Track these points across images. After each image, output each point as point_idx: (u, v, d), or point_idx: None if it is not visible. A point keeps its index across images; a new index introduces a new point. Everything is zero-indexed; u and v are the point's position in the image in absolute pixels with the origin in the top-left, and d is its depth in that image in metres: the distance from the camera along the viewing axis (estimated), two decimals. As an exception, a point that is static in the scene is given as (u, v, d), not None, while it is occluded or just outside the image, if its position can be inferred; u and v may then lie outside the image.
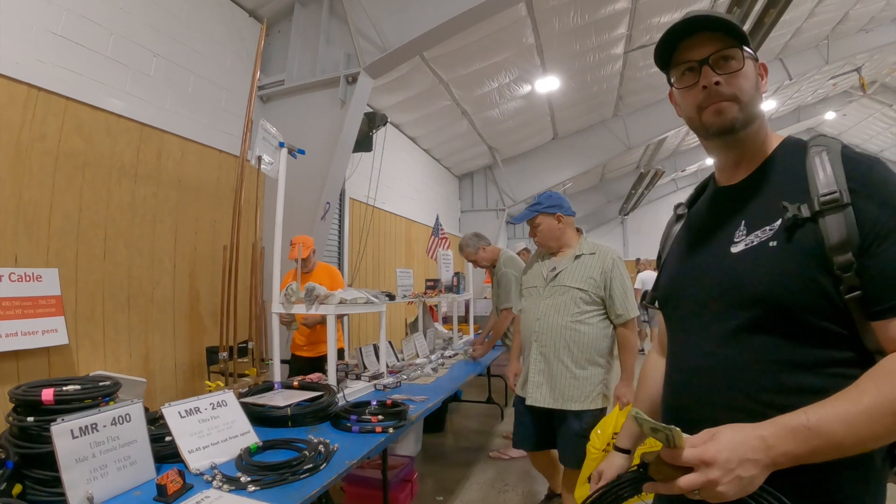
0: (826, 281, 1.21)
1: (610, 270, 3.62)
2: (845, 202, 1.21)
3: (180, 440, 2.38)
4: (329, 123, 6.34)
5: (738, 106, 1.36)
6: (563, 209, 3.85)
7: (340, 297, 3.75)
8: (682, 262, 1.56)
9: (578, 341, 3.58)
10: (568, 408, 3.57)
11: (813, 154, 1.31)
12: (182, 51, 5.59)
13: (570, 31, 9.80)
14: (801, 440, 1.09)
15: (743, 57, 1.37)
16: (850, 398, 1.11)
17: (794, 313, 1.24)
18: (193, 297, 5.58)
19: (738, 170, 1.47)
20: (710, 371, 1.37)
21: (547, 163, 15.42)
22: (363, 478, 4.39)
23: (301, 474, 2.24)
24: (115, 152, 4.78)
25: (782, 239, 1.27)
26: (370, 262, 9.62)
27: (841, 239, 1.19)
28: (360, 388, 3.98)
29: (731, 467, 1.07)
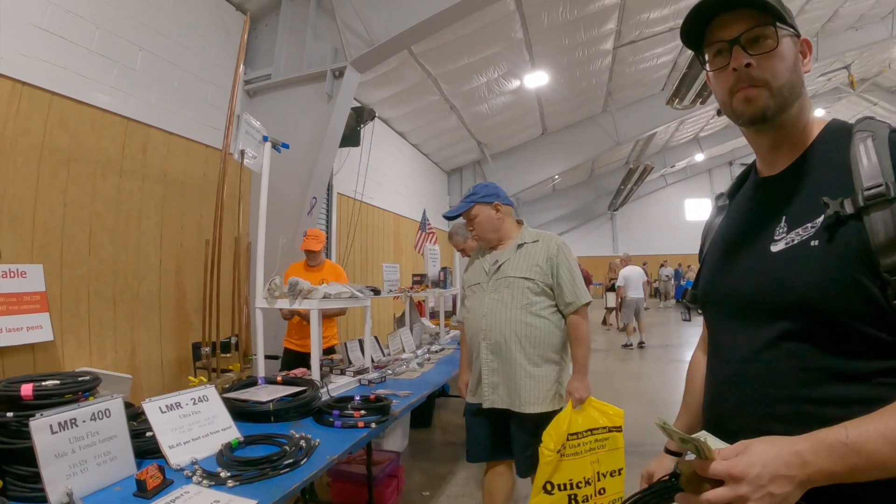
0: (872, 285, 1.09)
1: (555, 256, 3.35)
2: (893, 196, 1.07)
3: (161, 436, 2.37)
4: (316, 118, 6.34)
5: (770, 92, 1.24)
6: (501, 198, 3.56)
7: (324, 292, 3.74)
8: (722, 261, 1.44)
9: (530, 336, 3.29)
10: (525, 411, 3.25)
11: (858, 141, 1.18)
12: (168, 45, 5.56)
13: (559, 26, 9.83)
14: (839, 457, 0.99)
15: (777, 35, 1.24)
16: (894, 414, 1.00)
17: (838, 319, 1.12)
18: (180, 293, 5.57)
19: (777, 157, 1.35)
20: (751, 379, 1.27)
21: (536, 158, 15.47)
22: (349, 473, 4.39)
23: (281, 469, 2.23)
24: (101, 147, 4.76)
25: (824, 238, 1.15)
26: (358, 256, 9.63)
27: (888, 238, 1.06)
28: (344, 384, 3.98)
29: (761, 483, 0.99)
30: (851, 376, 1.12)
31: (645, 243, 31.21)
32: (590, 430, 3.15)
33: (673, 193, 32.43)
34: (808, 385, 1.16)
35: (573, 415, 3.12)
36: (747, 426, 1.23)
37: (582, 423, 3.15)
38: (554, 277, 3.33)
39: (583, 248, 28.41)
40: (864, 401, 1.06)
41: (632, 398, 8.42)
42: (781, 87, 1.24)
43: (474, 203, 3.53)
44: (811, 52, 1.33)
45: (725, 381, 1.36)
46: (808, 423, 1.07)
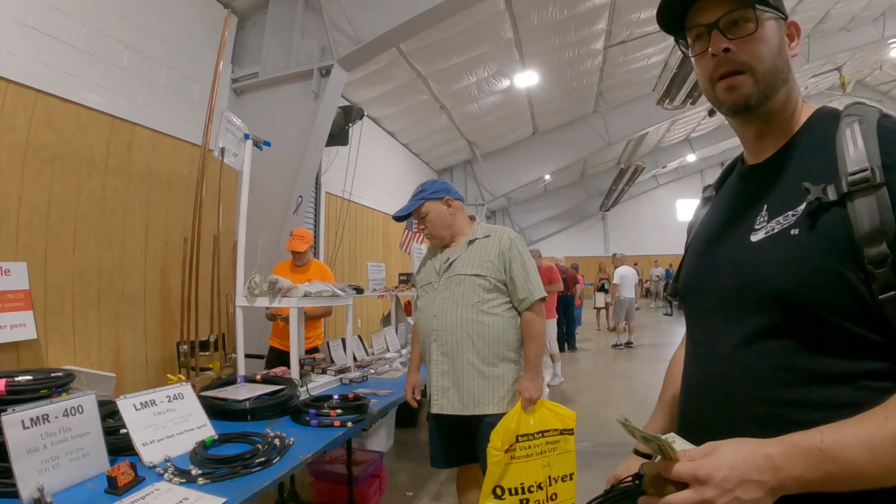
0: (855, 277, 1.01)
1: (507, 250, 3.19)
2: (878, 182, 0.99)
3: (134, 433, 2.38)
4: (302, 116, 6.33)
5: (754, 78, 1.18)
6: (451, 192, 3.43)
7: (305, 291, 3.74)
8: (702, 252, 1.37)
9: (483, 334, 3.12)
10: (480, 412, 3.09)
11: (844, 125, 1.11)
12: (155, 43, 5.54)
13: (549, 25, 9.84)
14: (813, 464, 0.91)
15: (756, 18, 1.17)
16: (875, 420, 0.92)
17: (819, 314, 1.05)
18: (165, 292, 5.55)
19: (764, 146, 1.28)
20: (727, 378, 1.19)
21: (527, 158, 15.50)
22: (331, 473, 4.40)
23: (252, 468, 2.24)
24: (86, 145, 4.74)
25: (805, 226, 1.08)
26: (346, 255, 9.63)
27: (873, 227, 0.98)
28: (325, 382, 3.99)
29: (728, 487, 0.92)
30: (833, 378, 1.04)
31: (636, 244, 31.26)
32: (541, 431, 3.04)
33: (664, 194, 32.51)
34: (786, 386, 1.09)
35: (524, 416, 3.01)
36: (720, 428, 1.12)
37: (534, 424, 3.04)
38: (507, 273, 3.18)
39: (575, 249, 28.47)
40: (847, 405, 0.99)
41: (622, 398, 8.48)
42: (766, 71, 1.18)
43: (424, 200, 3.37)
44: (799, 35, 1.27)
45: (700, 379, 1.29)
46: (785, 427, 0.99)
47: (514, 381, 3.17)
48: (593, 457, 2.63)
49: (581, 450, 3.42)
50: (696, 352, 1.33)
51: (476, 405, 3.10)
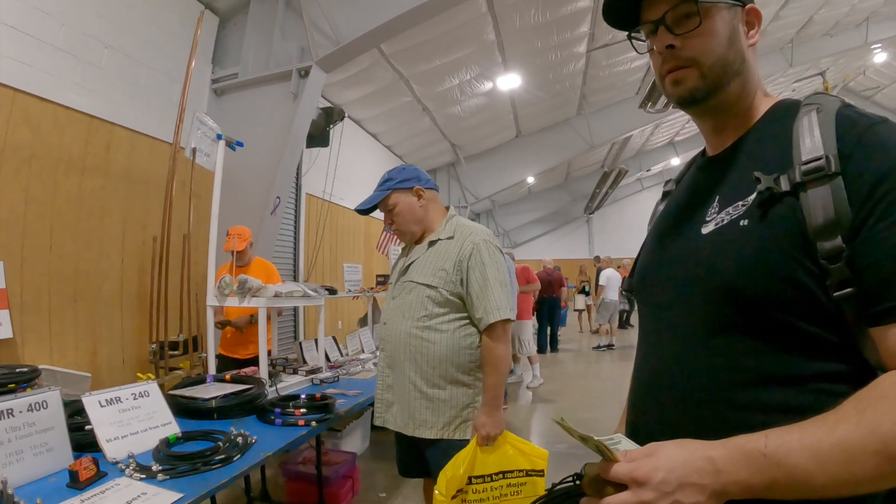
0: (807, 273, 0.97)
1: (467, 259, 2.74)
2: (833, 171, 0.95)
3: (99, 429, 2.40)
4: (280, 117, 6.36)
5: (700, 71, 1.15)
6: (422, 181, 2.99)
7: (275, 291, 3.77)
8: (655, 247, 1.34)
9: (426, 353, 2.75)
10: (420, 435, 2.77)
11: (802, 114, 1.07)
12: (135, 43, 5.55)
13: (532, 28, 9.87)
14: (757, 468, 0.86)
15: (700, 11, 1.13)
16: (824, 425, 0.86)
17: (767, 310, 1.00)
18: (142, 292, 5.53)
19: (722, 138, 1.25)
20: (674, 377, 1.15)
21: (510, 160, 15.53)
22: (303, 473, 4.43)
23: (213, 465, 2.27)
24: (63, 144, 4.75)
25: (755, 217, 1.03)
26: (327, 257, 9.65)
27: (827, 219, 0.94)
28: (295, 382, 4.01)
29: (666, 490, 0.87)
30: (784, 379, 1.00)
31: (621, 246, 31.18)
32: (502, 472, 2.67)
33: (649, 197, 32.50)
34: (734, 387, 1.04)
35: (481, 454, 2.64)
36: (664, 430, 1.07)
37: (492, 463, 2.66)
38: (464, 286, 2.74)
39: (559, 251, 28.46)
40: (797, 409, 0.94)
41: (602, 399, 8.50)
42: (712, 65, 1.15)
43: (391, 191, 2.95)
44: (760, 22, 1.21)
45: (647, 378, 1.25)
46: (731, 430, 0.93)
47: (466, 406, 2.78)
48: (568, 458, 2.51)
49: (557, 451, 3.37)
50: (646, 349, 1.29)
51: (417, 427, 2.78)
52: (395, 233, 3.07)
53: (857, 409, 0.86)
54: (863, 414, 0.84)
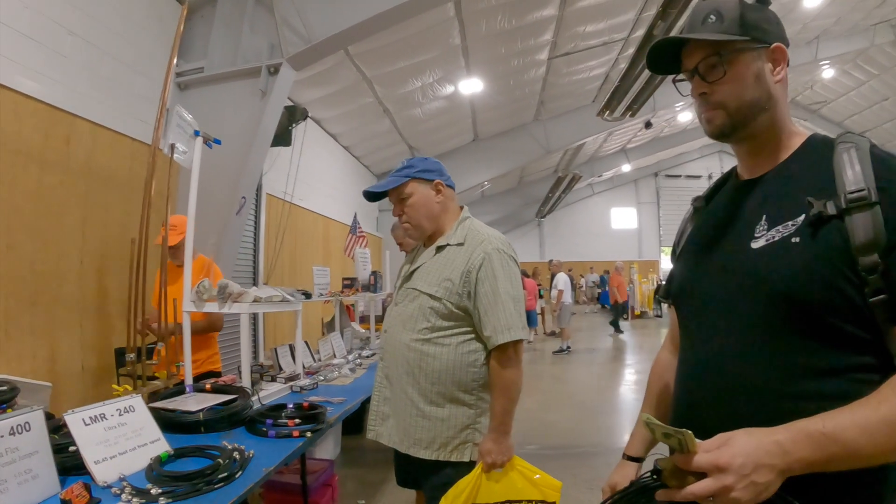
0: (850, 282, 1.16)
1: (477, 269, 2.51)
2: (874, 200, 1.14)
3: (85, 450, 2.19)
4: (248, 115, 6.15)
5: (727, 112, 1.36)
6: (444, 177, 2.78)
7: (255, 296, 3.61)
8: (700, 258, 1.49)
9: (426, 368, 2.54)
10: (416, 454, 2.56)
11: (841, 150, 1.25)
12: (100, 31, 5.27)
13: (497, 34, 9.92)
14: (818, 446, 1.05)
15: (725, 63, 1.34)
16: (869, 405, 1.07)
17: (816, 314, 1.19)
18: (102, 295, 5.28)
19: (758, 162, 1.43)
20: (727, 373, 1.31)
21: (466, 164, 15.53)
22: (282, 483, 4.26)
23: (215, 484, 2.11)
24: (22, 136, 4.44)
25: (806, 235, 1.21)
26: (287, 259, 9.43)
27: (867, 239, 1.13)
28: (275, 391, 3.86)
29: (745, 473, 1.03)
30: (826, 371, 1.18)
31: (571, 250, 31.80)
32: (509, 501, 2.50)
33: (600, 202, 33.19)
34: (783, 380, 1.22)
35: (486, 480, 2.48)
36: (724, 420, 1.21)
37: (499, 491, 2.50)
38: (471, 299, 2.53)
39: (510, 255, 28.64)
40: (838, 396, 1.12)
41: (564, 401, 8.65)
42: (739, 107, 1.35)
43: (409, 178, 2.72)
44: (785, 58, 1.39)
45: (700, 375, 1.39)
46: (784, 417, 1.12)
47: (466, 427, 2.57)
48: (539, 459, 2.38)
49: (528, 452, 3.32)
50: (694, 349, 1.44)
51: (411, 446, 2.58)
52: (403, 227, 2.83)
53: (894, 392, 1.07)
54: None
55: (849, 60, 18.32)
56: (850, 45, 16.76)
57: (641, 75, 10.59)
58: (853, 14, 15.21)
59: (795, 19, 14.10)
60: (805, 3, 13.44)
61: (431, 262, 2.66)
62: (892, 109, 20.96)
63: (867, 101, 21.14)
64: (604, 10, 10.46)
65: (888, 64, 17.89)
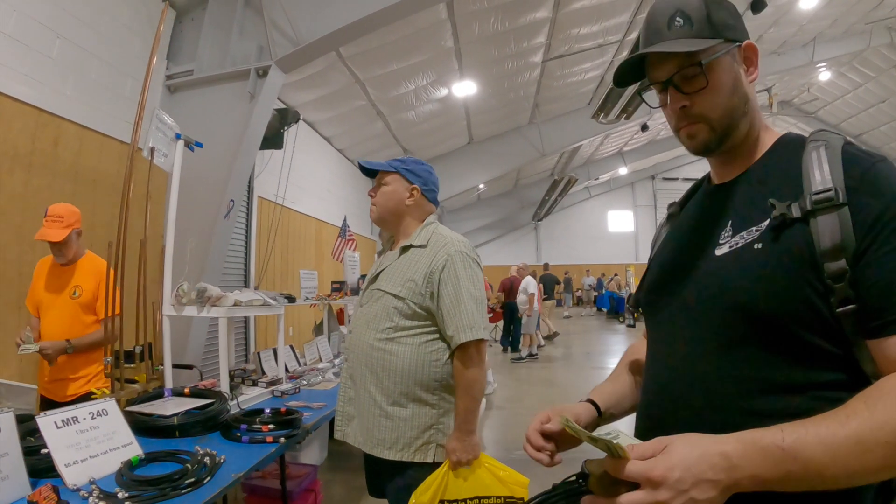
0: (815, 290, 1.06)
1: (440, 270, 2.56)
2: (841, 202, 1.05)
3: (56, 453, 2.21)
4: (236, 117, 6.14)
5: (709, 125, 1.26)
6: (426, 187, 2.81)
7: (235, 300, 3.61)
8: (667, 266, 1.41)
9: (387, 367, 2.55)
10: (379, 455, 2.55)
11: (811, 149, 1.16)
12: (88, 34, 5.27)
13: (490, 36, 9.92)
14: (773, 462, 0.93)
15: (706, 72, 1.22)
16: (836, 419, 0.94)
17: (778, 324, 1.09)
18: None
19: (730, 168, 1.34)
20: (685, 387, 1.22)
21: (461, 166, 15.56)
22: (264, 488, 4.23)
23: (182, 489, 2.12)
24: (9, 138, 4.46)
25: (768, 240, 1.12)
26: (278, 262, 9.43)
27: (834, 243, 1.04)
28: (256, 395, 3.86)
29: (683, 488, 0.91)
30: (790, 388, 1.09)
31: (568, 253, 31.81)
32: (477, 497, 2.49)
33: (596, 205, 33.18)
34: (746, 396, 1.12)
35: (454, 477, 2.48)
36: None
37: (467, 487, 2.49)
38: (434, 299, 2.57)
39: (507, 258, 28.57)
40: (803, 413, 0.99)
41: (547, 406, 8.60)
42: (720, 117, 1.25)
43: (394, 170, 2.79)
44: (757, 57, 1.30)
45: (662, 388, 1.31)
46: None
47: (430, 427, 2.57)
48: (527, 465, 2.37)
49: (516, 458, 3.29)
50: (657, 361, 1.35)
51: (375, 446, 2.57)
52: (371, 207, 2.86)
53: (866, 405, 0.94)
54: (873, 409, 0.93)
55: (845, 63, 18.31)
56: (847, 48, 16.71)
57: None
58: (849, 16, 15.16)
59: (791, 21, 14.11)
60: (801, 5, 13.36)
61: (396, 263, 2.70)
62: (890, 111, 20.98)
63: (864, 104, 21.16)
64: (598, 13, 10.47)
65: (885, 66, 17.90)
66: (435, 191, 2.88)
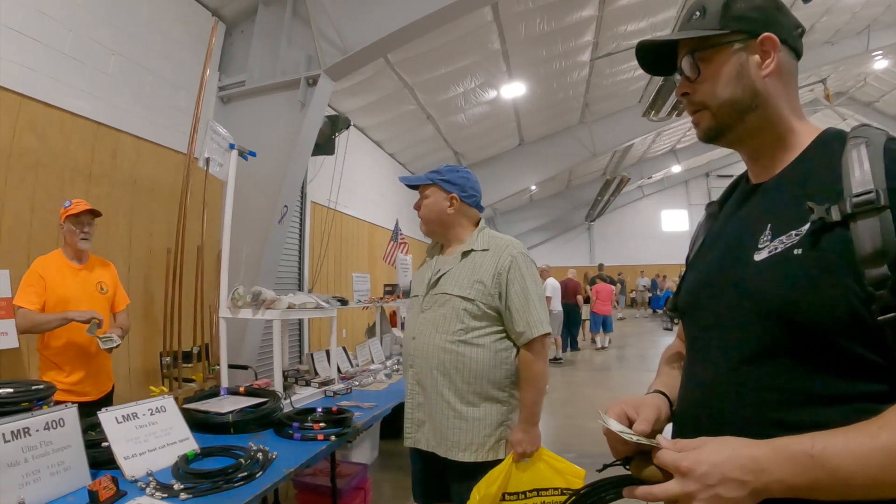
0: (856, 297, 1.00)
1: (506, 271, 2.67)
2: (882, 205, 0.99)
3: (116, 446, 2.35)
4: (288, 126, 6.31)
5: (711, 112, 1.27)
6: (465, 193, 2.88)
7: (289, 303, 3.71)
8: (705, 269, 1.36)
9: (462, 367, 2.62)
10: (454, 458, 2.62)
11: (851, 147, 1.10)
12: (141, 50, 5.49)
13: (537, 37, 9.89)
14: (801, 469, 0.92)
15: (695, 62, 1.27)
16: (867, 430, 0.91)
17: (818, 333, 1.04)
18: (148, 301, 5.48)
19: (762, 166, 1.30)
20: (722, 394, 1.18)
21: (512, 168, 15.52)
22: (315, 485, 4.36)
23: (236, 482, 2.22)
24: (69, 151, 4.69)
25: (808, 246, 1.07)
26: (331, 266, 9.59)
27: (875, 248, 0.98)
28: (308, 395, 3.97)
29: (709, 483, 0.94)
30: (830, 398, 1.03)
31: (622, 254, 31.42)
32: (536, 489, 2.60)
33: (650, 204, 32.69)
34: (783, 408, 1.08)
35: (515, 470, 2.58)
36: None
37: (527, 480, 2.60)
38: (502, 299, 2.67)
39: (560, 259, 28.45)
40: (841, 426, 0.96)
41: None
42: (720, 105, 1.25)
43: (431, 182, 2.90)
44: (776, 49, 1.23)
45: (696, 397, 1.27)
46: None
47: (500, 424, 2.67)
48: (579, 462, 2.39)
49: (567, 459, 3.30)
50: (694, 368, 1.33)
51: (450, 448, 2.64)
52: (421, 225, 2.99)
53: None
54: None
55: (903, 50, 17.63)
56: (904, 34, 16.02)
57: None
58: (904, 0, 14.59)
59: (843, 9, 13.65)
60: (852, -8, 12.86)
61: (458, 267, 2.78)
62: (953, 100, 20.22)
63: (924, 93, 20.41)
64: (644, 8, 10.35)
65: (946, 51, 17.17)
66: (476, 196, 2.95)
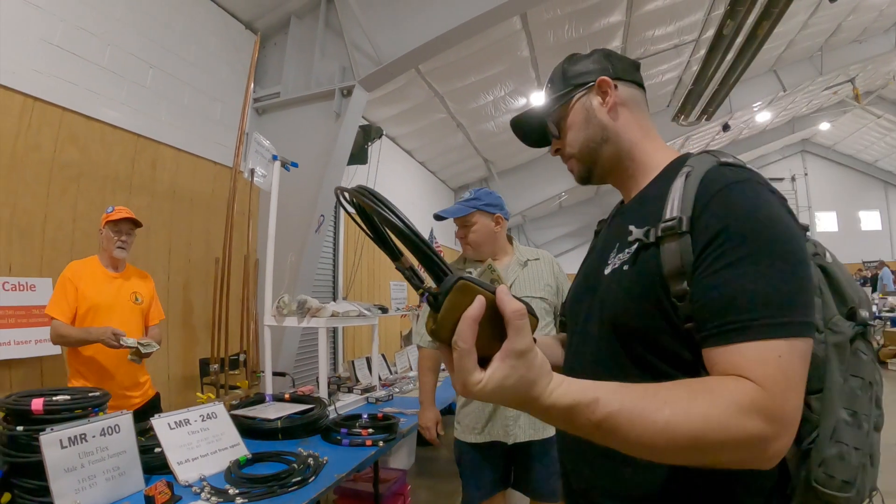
0: (670, 306, 1.15)
1: (559, 273, 3.28)
2: (683, 230, 1.13)
3: (169, 452, 2.39)
4: (323, 136, 6.36)
5: (576, 159, 1.46)
6: (504, 211, 3.31)
7: (333, 311, 3.74)
8: (580, 280, 1.52)
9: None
10: (549, 435, 2.99)
11: (678, 175, 1.23)
12: (178, 62, 5.60)
13: (565, 44, 9.83)
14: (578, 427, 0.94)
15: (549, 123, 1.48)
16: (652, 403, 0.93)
17: (645, 338, 1.19)
18: (187, 309, 5.55)
19: (629, 189, 1.45)
20: None
21: (542, 175, 15.46)
22: (355, 491, 4.37)
23: (289, 487, 2.24)
24: (110, 163, 4.79)
25: (632, 263, 1.23)
26: (365, 275, 9.62)
27: (674, 267, 1.13)
28: (351, 401, 3.99)
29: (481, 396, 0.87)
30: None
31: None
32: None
33: (682, 211, 32.42)
34: None
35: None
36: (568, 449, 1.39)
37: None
38: (559, 296, 3.20)
39: (589, 266, 28.34)
40: None
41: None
42: (579, 151, 1.45)
43: (475, 210, 3.23)
44: (609, 87, 1.41)
45: None
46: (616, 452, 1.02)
47: None
48: None
49: None
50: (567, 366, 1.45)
51: (546, 427, 3.00)
52: (465, 247, 3.36)
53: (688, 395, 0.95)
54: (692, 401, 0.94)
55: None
56: (933, 30, 15.72)
57: (715, 76, 10.31)
58: (933, -5, 14.33)
59: (870, 6, 13.39)
60: (879, -11, 12.64)
61: (523, 275, 3.23)
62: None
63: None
64: (671, 13, 10.26)
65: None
66: (507, 209, 3.38)
